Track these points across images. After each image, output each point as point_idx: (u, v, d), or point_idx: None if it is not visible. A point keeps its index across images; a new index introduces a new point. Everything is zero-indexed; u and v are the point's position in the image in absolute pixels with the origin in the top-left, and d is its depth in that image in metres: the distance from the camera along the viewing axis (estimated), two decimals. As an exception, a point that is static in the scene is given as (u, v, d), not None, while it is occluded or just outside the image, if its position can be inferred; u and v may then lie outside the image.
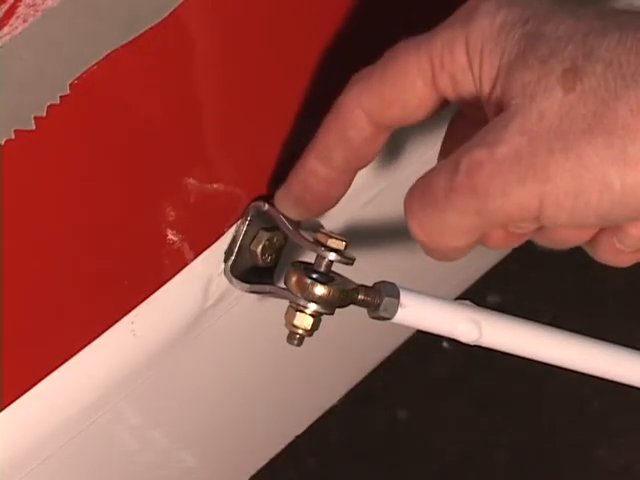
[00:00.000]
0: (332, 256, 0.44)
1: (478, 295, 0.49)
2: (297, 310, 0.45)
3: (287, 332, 0.46)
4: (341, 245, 0.45)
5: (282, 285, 0.46)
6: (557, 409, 1.15)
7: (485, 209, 0.39)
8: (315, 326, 0.45)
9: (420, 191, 0.41)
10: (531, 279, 1.11)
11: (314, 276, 0.44)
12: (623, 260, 0.45)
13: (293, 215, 0.47)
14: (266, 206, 0.47)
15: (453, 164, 0.40)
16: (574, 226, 0.41)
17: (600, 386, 1.14)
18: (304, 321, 0.45)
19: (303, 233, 0.46)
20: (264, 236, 0.48)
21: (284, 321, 0.45)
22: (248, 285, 0.48)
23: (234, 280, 0.48)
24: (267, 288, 0.47)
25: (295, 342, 0.45)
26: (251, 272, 0.49)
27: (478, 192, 0.39)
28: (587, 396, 1.14)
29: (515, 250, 0.48)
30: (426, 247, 0.42)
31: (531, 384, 1.12)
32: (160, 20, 0.40)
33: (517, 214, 0.39)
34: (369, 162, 0.45)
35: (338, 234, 0.45)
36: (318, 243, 0.45)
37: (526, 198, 0.39)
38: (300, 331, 0.45)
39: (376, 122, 0.43)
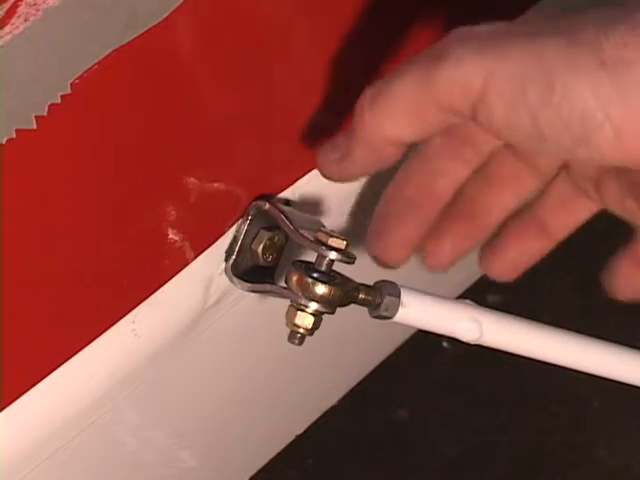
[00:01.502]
0: (333, 255, 0.44)
1: (478, 295, 0.49)
2: (298, 309, 0.45)
3: (288, 331, 0.46)
4: (342, 244, 0.45)
5: (283, 284, 0.46)
6: (557, 409, 1.15)
7: (434, 77, 0.39)
8: (316, 325, 0.45)
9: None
10: (531, 279, 1.11)
11: (315, 275, 0.44)
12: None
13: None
14: (267, 205, 0.47)
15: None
16: (508, 131, 0.39)
17: (600, 386, 1.14)
18: (305, 320, 0.45)
19: (304, 232, 0.46)
20: (265, 235, 0.48)
21: (285, 320, 0.45)
22: (249, 284, 0.48)
23: (235, 279, 0.48)
24: (268, 287, 0.47)
25: (296, 341, 0.45)
26: (252, 271, 0.49)
27: (440, 56, 0.39)
28: (587, 396, 1.14)
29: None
30: (357, 128, 0.41)
31: (531, 384, 1.12)
32: (160, 20, 0.40)
33: (459, 90, 0.39)
34: None
35: (338, 233, 0.45)
36: (319, 242, 0.45)
37: (473, 73, 0.39)
38: (301, 330, 0.45)
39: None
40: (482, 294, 0.48)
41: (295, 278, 0.44)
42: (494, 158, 0.46)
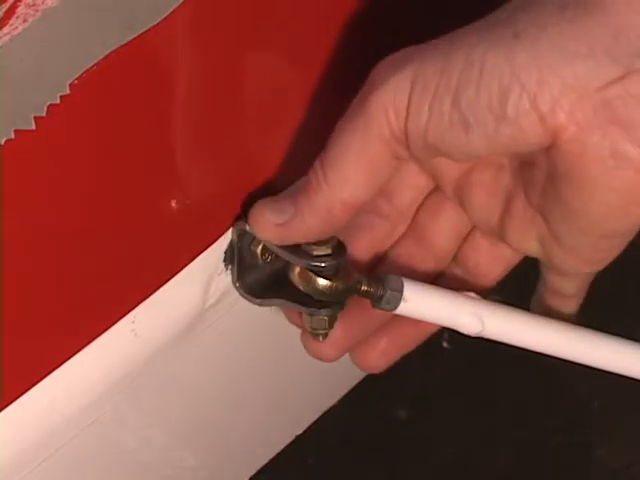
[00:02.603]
0: (322, 264, 0.44)
1: (478, 295, 0.49)
2: (311, 315, 0.45)
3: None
4: (327, 250, 0.45)
5: (291, 299, 0.47)
6: (557, 409, 1.15)
7: (368, 102, 0.40)
8: (332, 322, 0.46)
9: None
10: (531, 279, 1.11)
11: (317, 270, 0.44)
12: None
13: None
14: (247, 227, 0.46)
15: None
16: (433, 128, 0.40)
17: (600, 386, 1.14)
18: (321, 323, 0.45)
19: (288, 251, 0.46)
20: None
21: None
22: (259, 300, 0.48)
23: (247, 296, 0.48)
24: (277, 302, 0.47)
25: (320, 338, 0.46)
26: (255, 275, 0.49)
27: (366, 87, 0.40)
28: (587, 396, 1.14)
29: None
30: (312, 193, 0.42)
31: (531, 384, 1.12)
32: (160, 20, 0.40)
33: (391, 109, 0.39)
34: None
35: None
36: (306, 255, 0.45)
37: (400, 81, 0.39)
38: (321, 331, 0.46)
39: None
40: (482, 294, 0.48)
41: (297, 272, 0.45)
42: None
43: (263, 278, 0.48)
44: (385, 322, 0.48)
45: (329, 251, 0.45)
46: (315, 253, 0.45)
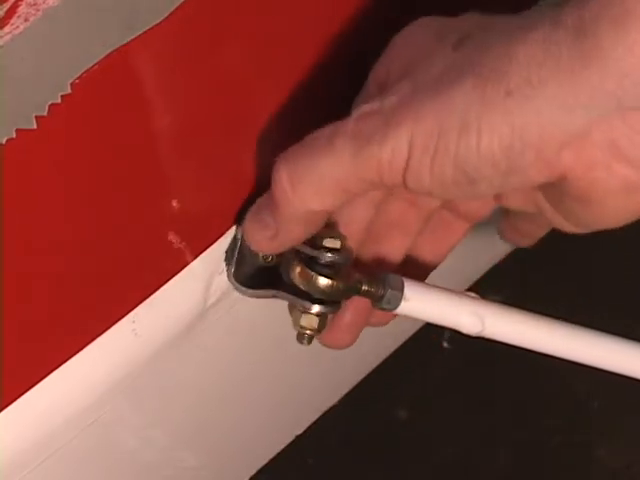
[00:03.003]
0: (329, 257, 0.45)
1: (478, 295, 0.49)
2: (303, 312, 0.45)
3: (293, 332, 0.46)
4: (337, 244, 0.45)
5: (286, 289, 0.46)
6: (557, 409, 1.15)
7: (361, 154, 0.40)
8: (322, 325, 0.45)
9: (305, 140, 0.42)
10: (531, 279, 1.11)
11: (317, 268, 0.44)
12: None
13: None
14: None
15: (344, 118, 0.41)
16: (437, 186, 0.40)
17: (600, 386, 1.14)
18: (311, 321, 0.45)
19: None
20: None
21: (288, 321, 0.46)
22: (252, 290, 0.48)
23: (238, 286, 0.48)
24: (272, 292, 0.47)
25: (305, 342, 0.46)
26: (254, 274, 0.49)
27: (360, 136, 0.40)
28: (587, 396, 1.13)
29: (515, 250, 0.49)
30: (281, 205, 0.42)
31: (531, 384, 1.12)
32: (160, 20, 0.40)
33: (387, 163, 0.40)
34: None
35: (334, 231, 0.45)
36: (314, 245, 0.45)
37: (398, 142, 0.39)
38: (308, 331, 0.45)
39: None
40: (482, 294, 0.48)
41: (298, 271, 0.44)
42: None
43: (260, 272, 0.48)
44: None
45: (338, 245, 0.45)
46: (325, 244, 0.45)
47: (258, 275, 0.48)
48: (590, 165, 0.38)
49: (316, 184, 0.41)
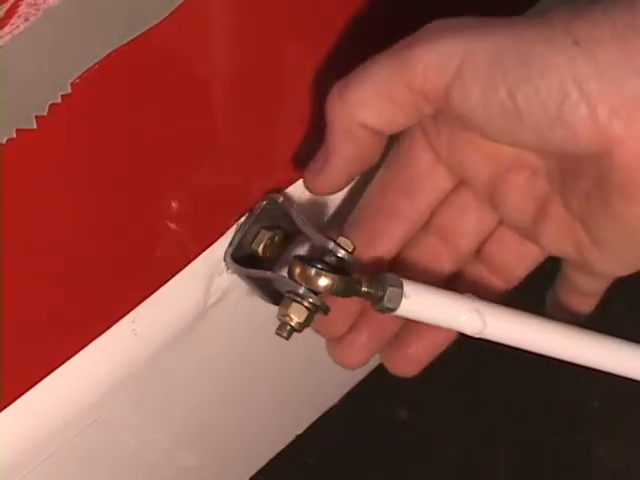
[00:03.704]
0: (341, 253, 0.45)
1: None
2: (294, 301, 0.45)
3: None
4: (350, 245, 0.45)
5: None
6: (557, 409, 1.15)
7: (408, 54, 0.40)
8: (307, 322, 0.45)
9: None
10: (531, 279, 1.11)
11: (319, 266, 0.44)
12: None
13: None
14: (281, 198, 0.47)
15: None
16: (484, 111, 0.40)
17: (600, 386, 1.14)
18: (299, 313, 0.45)
19: (314, 226, 0.46)
20: (265, 235, 0.48)
21: (278, 312, 0.45)
22: (247, 270, 0.48)
23: (233, 265, 0.48)
24: (268, 274, 0.47)
25: (284, 334, 0.45)
26: (250, 257, 0.49)
27: (415, 39, 0.40)
28: (587, 396, 1.14)
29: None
30: (329, 119, 0.42)
31: (531, 384, 1.12)
32: (160, 20, 0.40)
33: (434, 69, 0.39)
34: None
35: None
36: (328, 238, 0.45)
37: (450, 49, 0.39)
38: (292, 323, 0.45)
39: None
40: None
41: (299, 269, 0.44)
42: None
43: (257, 262, 0.49)
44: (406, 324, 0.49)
45: (350, 246, 0.45)
46: (339, 242, 0.45)
47: (255, 261, 0.48)
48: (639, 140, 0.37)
49: (362, 90, 0.41)
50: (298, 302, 0.45)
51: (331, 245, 0.45)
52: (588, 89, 0.37)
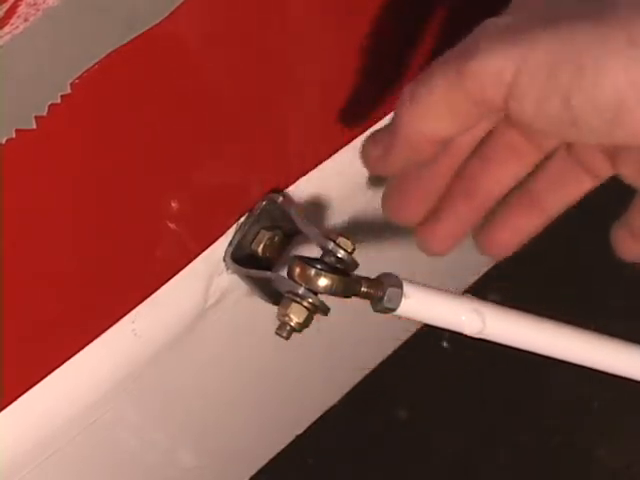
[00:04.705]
0: (341, 253, 0.45)
1: (478, 295, 0.49)
2: (294, 301, 0.45)
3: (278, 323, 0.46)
4: (349, 246, 0.45)
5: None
6: (557, 409, 1.15)
7: (467, 67, 0.39)
8: (307, 322, 0.45)
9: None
10: (531, 279, 1.11)
11: (318, 266, 0.44)
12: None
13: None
14: (280, 198, 0.47)
15: None
16: (540, 119, 0.39)
17: (600, 386, 1.14)
18: (299, 313, 0.45)
19: (314, 226, 0.46)
20: (265, 235, 0.48)
21: (277, 313, 0.45)
22: (247, 270, 0.48)
23: (232, 265, 0.48)
24: (267, 274, 0.47)
25: (284, 334, 0.45)
26: (250, 257, 0.49)
27: (470, 50, 0.39)
28: (587, 396, 1.14)
29: (516, 250, 0.48)
30: (397, 123, 0.42)
31: (531, 384, 1.12)
32: (160, 20, 0.40)
33: (491, 82, 0.39)
34: None
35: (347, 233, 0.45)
36: (328, 238, 0.45)
37: (505, 61, 0.39)
38: (292, 323, 0.45)
39: None
40: (482, 294, 0.48)
41: (298, 269, 0.44)
42: (492, 135, 0.46)
43: (256, 261, 0.49)
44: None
45: (350, 246, 0.45)
46: (339, 242, 0.45)
47: (255, 261, 0.48)
48: None
49: (428, 103, 0.41)
50: (298, 302, 0.45)
51: (331, 245, 0.45)
52: None
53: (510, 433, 1.13)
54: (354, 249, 0.45)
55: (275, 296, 0.48)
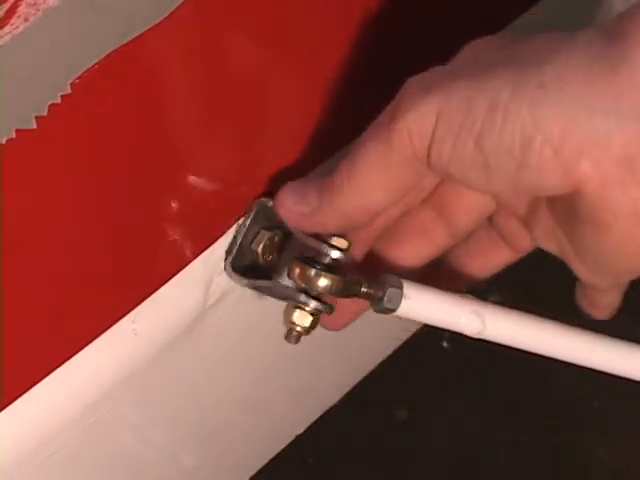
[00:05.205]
0: (336, 254, 0.45)
1: (478, 295, 0.49)
2: (297, 307, 0.45)
3: (284, 330, 0.46)
4: (344, 244, 0.45)
5: (283, 282, 0.46)
6: (557, 409, 1.15)
7: (393, 129, 0.40)
8: (313, 325, 0.45)
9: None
10: (531, 279, 1.11)
11: (318, 267, 0.44)
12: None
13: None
14: (270, 202, 0.47)
15: None
16: (455, 164, 0.40)
17: (600, 386, 1.14)
18: (303, 319, 0.45)
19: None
20: (265, 235, 0.48)
21: (283, 319, 0.45)
22: (248, 280, 0.48)
23: (234, 275, 0.48)
24: (268, 283, 0.47)
25: (292, 340, 0.46)
26: (251, 271, 0.49)
27: (397, 107, 0.40)
28: (587, 396, 1.14)
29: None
30: (335, 192, 0.43)
31: (531, 384, 1.12)
32: (160, 20, 0.40)
33: (416, 134, 0.40)
34: None
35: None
36: (322, 241, 0.45)
37: (427, 107, 0.39)
38: (298, 329, 0.45)
39: None
40: (482, 294, 0.48)
41: (298, 270, 0.44)
42: (406, 215, 0.47)
43: (258, 268, 0.48)
44: None
45: (345, 245, 0.45)
46: (333, 242, 0.45)
47: (256, 268, 0.48)
48: (605, 180, 0.37)
49: (365, 176, 0.42)
50: (301, 308, 0.45)
51: (325, 247, 0.45)
52: (551, 133, 0.37)
53: (510, 433, 1.13)
54: (349, 245, 0.45)
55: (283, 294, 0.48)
